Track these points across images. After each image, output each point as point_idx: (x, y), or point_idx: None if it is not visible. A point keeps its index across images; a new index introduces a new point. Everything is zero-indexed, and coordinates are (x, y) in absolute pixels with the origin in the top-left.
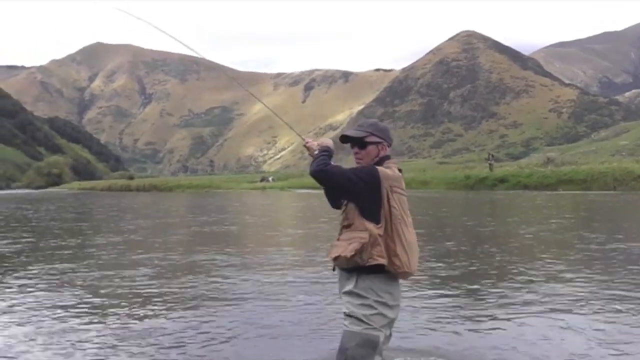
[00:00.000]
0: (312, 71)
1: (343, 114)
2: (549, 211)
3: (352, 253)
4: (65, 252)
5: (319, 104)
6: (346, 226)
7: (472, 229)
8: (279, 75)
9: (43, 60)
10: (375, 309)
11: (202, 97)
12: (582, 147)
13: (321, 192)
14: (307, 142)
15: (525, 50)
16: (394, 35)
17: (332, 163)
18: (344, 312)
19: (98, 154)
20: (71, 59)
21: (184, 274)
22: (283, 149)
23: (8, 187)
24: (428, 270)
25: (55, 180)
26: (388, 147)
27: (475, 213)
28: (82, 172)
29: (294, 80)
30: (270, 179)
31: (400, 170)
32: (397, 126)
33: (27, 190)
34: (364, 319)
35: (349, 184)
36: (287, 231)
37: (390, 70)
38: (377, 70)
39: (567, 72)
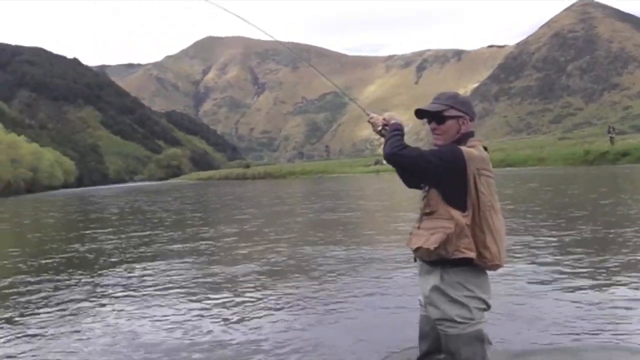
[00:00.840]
0: (423, 52)
1: None
2: None
3: (436, 245)
4: (174, 246)
5: (432, 83)
6: (428, 213)
7: (613, 210)
8: (390, 57)
9: (158, 57)
10: (467, 305)
11: (314, 83)
12: None
13: None
14: (371, 118)
15: None
16: (506, 10)
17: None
18: (435, 318)
19: (215, 144)
20: (184, 53)
21: (290, 272)
22: None
23: (131, 179)
24: (574, 262)
25: (175, 171)
26: (470, 121)
27: (609, 190)
28: (201, 162)
29: (406, 62)
30: (383, 161)
31: (486, 149)
32: (513, 102)
33: (148, 182)
34: (459, 319)
35: (430, 167)
36: (403, 216)
37: (503, 46)
38: (490, 46)
39: None
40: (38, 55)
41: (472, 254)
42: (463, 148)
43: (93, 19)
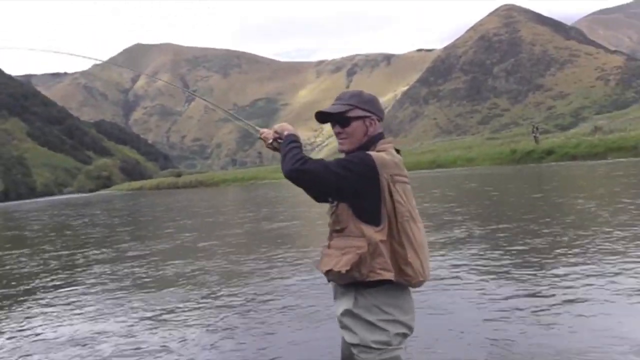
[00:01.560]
0: (353, 56)
1: (387, 97)
2: (628, 180)
3: (347, 267)
4: (95, 268)
5: (362, 87)
6: (338, 230)
7: (572, 209)
8: (321, 62)
9: (86, 66)
10: (386, 330)
11: (246, 90)
12: (632, 113)
13: None
14: (262, 133)
15: (568, 20)
16: (435, 14)
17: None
18: (350, 342)
19: (146, 153)
20: (113, 61)
21: (227, 294)
22: (331, 136)
23: (60, 192)
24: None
25: (105, 182)
26: (379, 121)
27: (553, 188)
28: (132, 172)
29: (336, 66)
30: None
31: (398, 151)
32: (442, 105)
33: (77, 195)
34: (375, 345)
35: (337, 179)
36: None
37: (432, 50)
38: (419, 50)
39: (612, 39)
40: None
41: (389, 275)
42: (373, 153)
43: (13, 27)
